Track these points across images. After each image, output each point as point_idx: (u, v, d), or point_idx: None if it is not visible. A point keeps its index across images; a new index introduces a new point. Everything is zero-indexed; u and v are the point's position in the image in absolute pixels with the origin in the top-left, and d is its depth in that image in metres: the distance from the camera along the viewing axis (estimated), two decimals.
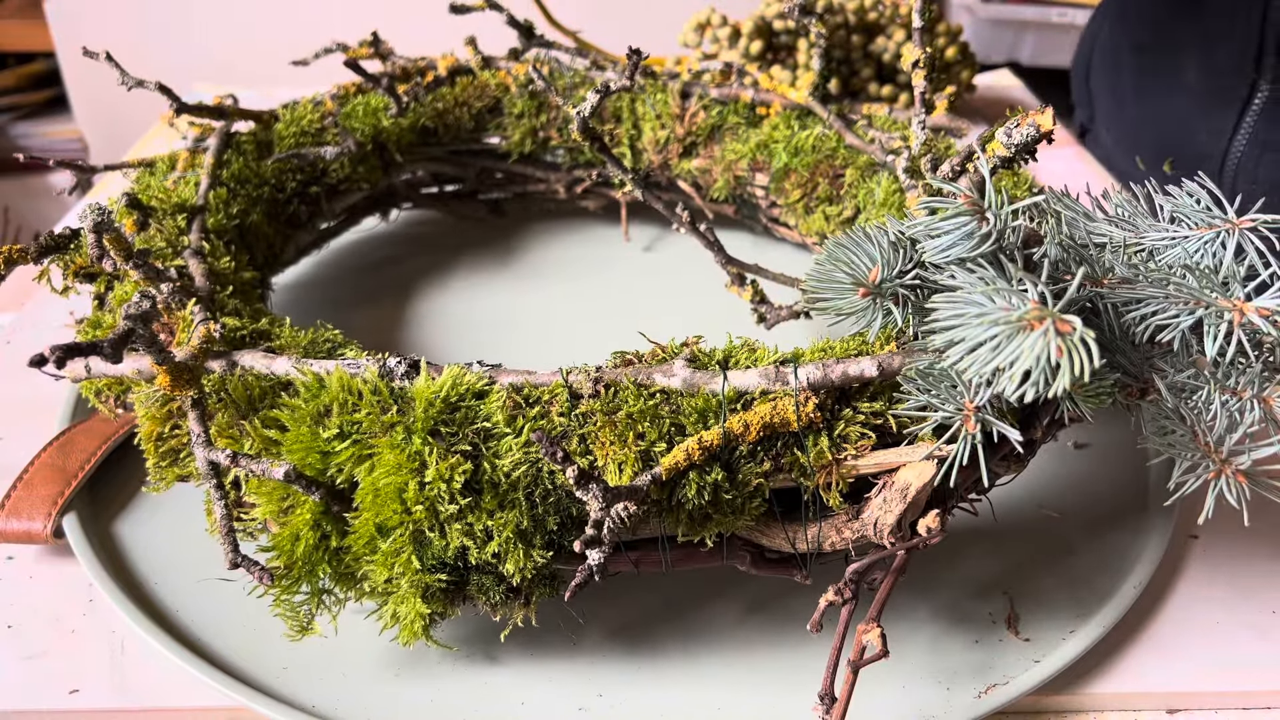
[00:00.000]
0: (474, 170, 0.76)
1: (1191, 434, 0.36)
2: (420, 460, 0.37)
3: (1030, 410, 0.41)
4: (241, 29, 1.36)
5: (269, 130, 0.64)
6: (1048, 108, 0.41)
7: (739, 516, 0.39)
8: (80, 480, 0.50)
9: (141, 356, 0.43)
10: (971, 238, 0.35)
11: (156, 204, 0.55)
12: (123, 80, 0.56)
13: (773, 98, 0.69)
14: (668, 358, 0.41)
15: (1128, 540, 0.50)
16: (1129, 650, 0.45)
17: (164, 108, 0.58)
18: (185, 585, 0.47)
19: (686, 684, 0.43)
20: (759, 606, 0.47)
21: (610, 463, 0.38)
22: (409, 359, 0.41)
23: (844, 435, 0.39)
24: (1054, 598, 0.47)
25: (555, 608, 0.45)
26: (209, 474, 0.40)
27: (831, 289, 0.38)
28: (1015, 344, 0.31)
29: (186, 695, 0.43)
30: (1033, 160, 0.41)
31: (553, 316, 0.68)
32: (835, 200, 0.63)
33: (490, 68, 0.73)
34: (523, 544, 0.38)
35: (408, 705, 0.42)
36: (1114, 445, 0.56)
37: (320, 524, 0.39)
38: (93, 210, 0.44)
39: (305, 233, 0.67)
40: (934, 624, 0.46)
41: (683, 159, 0.71)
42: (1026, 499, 0.53)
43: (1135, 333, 0.37)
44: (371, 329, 0.67)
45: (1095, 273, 0.37)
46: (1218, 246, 0.37)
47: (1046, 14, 1.26)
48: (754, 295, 0.56)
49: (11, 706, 0.42)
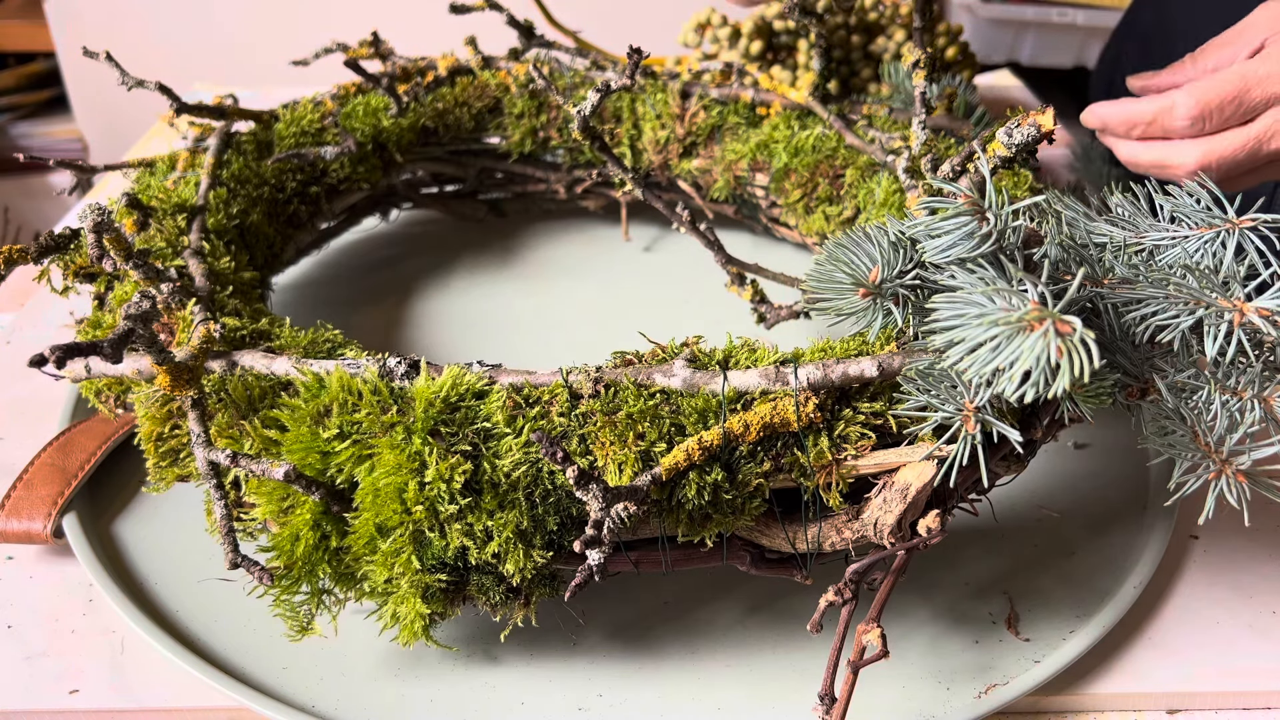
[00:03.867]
0: (474, 170, 0.76)
1: (1192, 434, 0.36)
2: (420, 460, 0.37)
3: (1030, 410, 0.41)
4: (241, 29, 1.36)
5: (269, 130, 0.64)
6: (1048, 108, 0.41)
7: (739, 517, 0.39)
8: (80, 480, 0.50)
9: (141, 356, 0.43)
10: (972, 238, 0.35)
11: (156, 204, 0.55)
12: (123, 80, 0.56)
13: (773, 98, 0.69)
14: (668, 358, 0.41)
15: (1128, 540, 0.50)
16: (1129, 650, 0.45)
17: (164, 108, 0.58)
18: (185, 585, 0.47)
19: (686, 684, 0.43)
20: (759, 607, 0.47)
21: (610, 463, 0.38)
22: (409, 359, 0.41)
23: (844, 435, 0.39)
24: (1054, 598, 0.47)
25: (555, 608, 0.45)
26: (209, 474, 0.40)
27: (832, 289, 0.38)
28: (1015, 344, 0.31)
29: (186, 695, 0.43)
30: (1033, 160, 0.41)
31: (553, 316, 0.68)
32: (835, 200, 0.63)
33: (490, 68, 0.73)
34: (523, 544, 0.38)
35: (408, 705, 0.42)
36: (1114, 445, 0.56)
37: (320, 524, 0.39)
38: (93, 210, 0.44)
39: (305, 233, 0.67)
40: (934, 624, 0.46)
41: (683, 159, 0.71)
42: (1026, 499, 0.53)
43: (1135, 333, 0.37)
44: (371, 329, 0.67)
45: (1095, 273, 0.37)
46: (1218, 246, 0.37)
47: (1047, 14, 1.26)
48: (754, 295, 0.56)
49: (11, 706, 0.42)
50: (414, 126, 0.70)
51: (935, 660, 0.44)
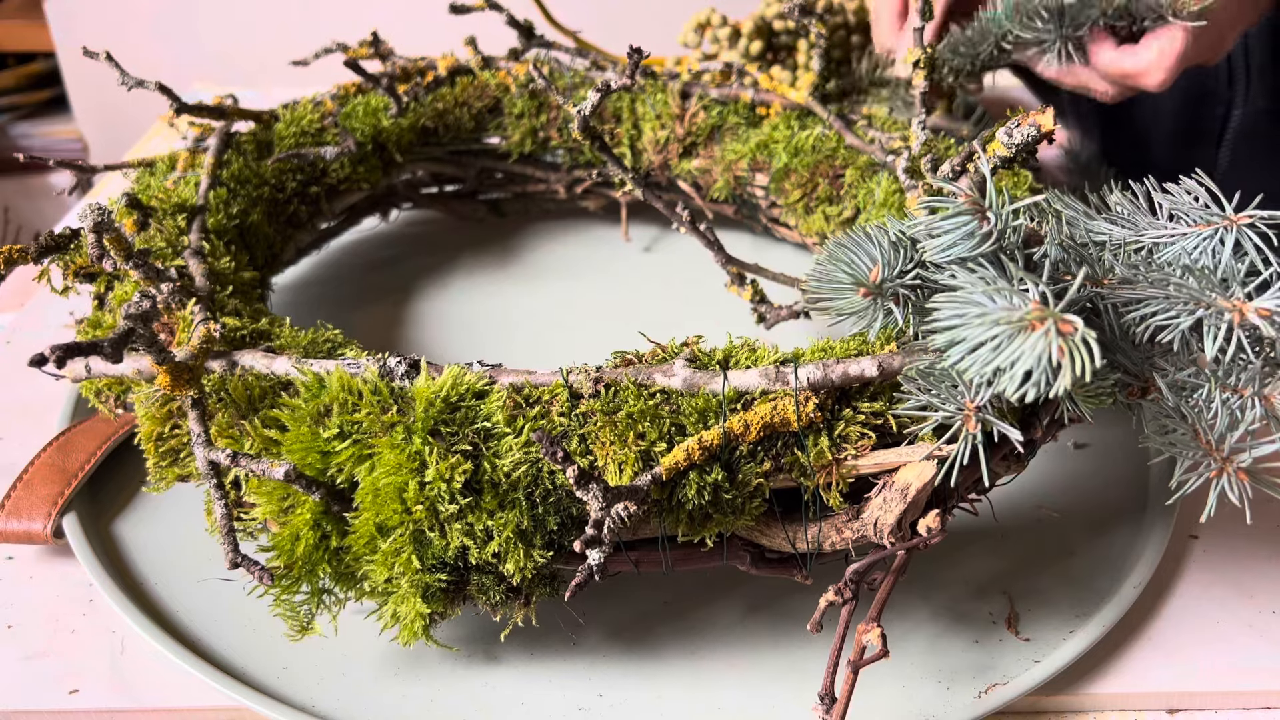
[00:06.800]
0: (474, 170, 0.76)
1: (1193, 432, 0.36)
2: (420, 460, 0.37)
3: (1030, 410, 0.41)
4: (241, 29, 1.36)
5: (269, 130, 0.64)
6: (1048, 107, 0.41)
7: (739, 516, 0.39)
8: (80, 480, 0.50)
9: (142, 356, 0.43)
10: (972, 237, 0.35)
11: (156, 204, 0.54)
12: (123, 80, 0.56)
13: (772, 98, 0.69)
14: (668, 358, 0.41)
15: (1128, 540, 0.50)
16: (1129, 650, 0.45)
17: (164, 108, 0.58)
18: (185, 585, 0.47)
19: (687, 684, 0.43)
20: (759, 607, 0.47)
21: (610, 462, 0.38)
22: (409, 359, 0.41)
23: (844, 435, 0.39)
24: (1054, 598, 0.47)
25: (555, 608, 0.45)
26: (209, 473, 0.40)
27: (832, 289, 0.38)
28: (1016, 344, 0.31)
29: (186, 695, 0.43)
30: (1032, 160, 0.41)
31: (552, 317, 0.68)
32: (835, 200, 0.63)
33: (490, 68, 0.73)
34: (523, 544, 0.38)
35: (408, 705, 0.42)
36: (1114, 445, 0.56)
37: (320, 524, 0.39)
38: (93, 210, 0.44)
39: (305, 233, 0.67)
40: (934, 624, 0.46)
41: (682, 159, 0.71)
42: (1026, 499, 0.53)
43: (1135, 333, 0.37)
44: (371, 329, 0.67)
45: (1095, 273, 0.37)
46: (1216, 243, 0.37)
47: None
48: (754, 295, 0.56)
49: (11, 706, 0.42)
50: (414, 126, 0.70)
51: (935, 660, 0.44)
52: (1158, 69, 0.55)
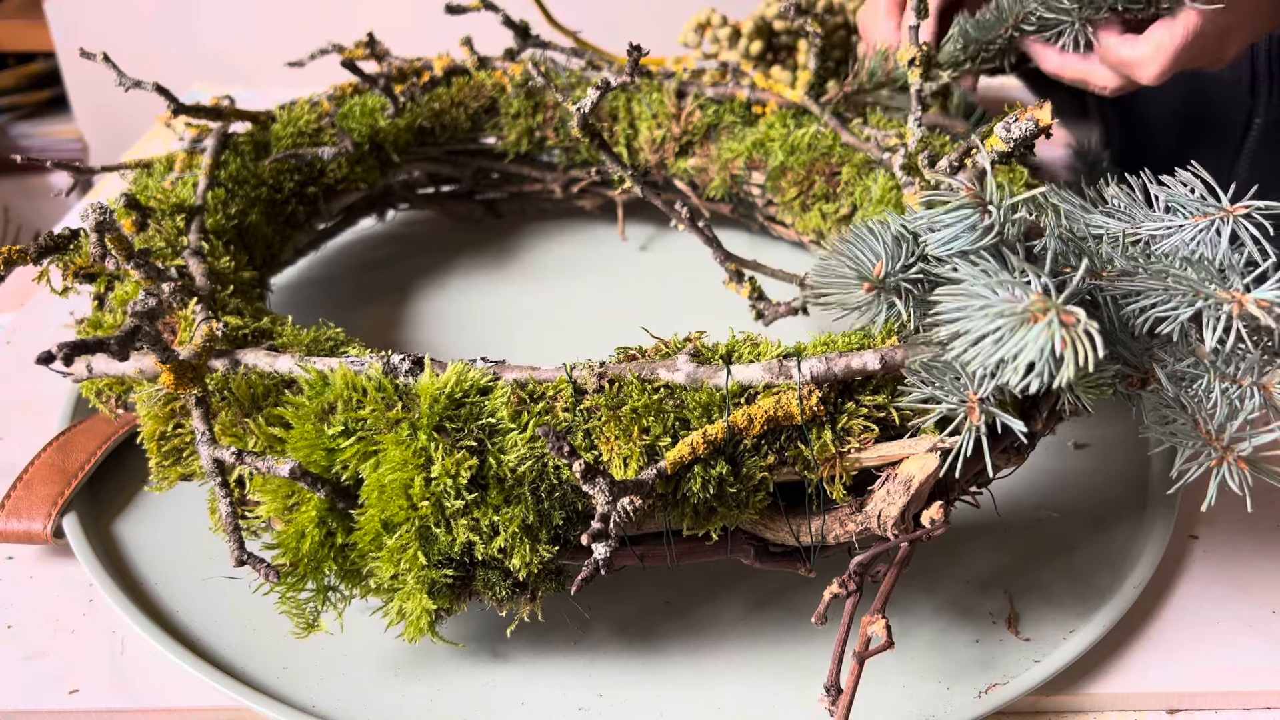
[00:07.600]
0: (470, 170, 0.76)
1: (1193, 422, 0.36)
2: (426, 456, 0.37)
3: (1030, 402, 0.41)
4: (239, 29, 1.36)
5: (266, 131, 0.64)
6: (1046, 103, 0.41)
7: (743, 510, 0.39)
8: (80, 480, 0.50)
9: (144, 356, 0.43)
10: (974, 230, 0.35)
11: (155, 204, 0.54)
12: (120, 81, 0.56)
13: (768, 96, 0.69)
14: (671, 353, 0.41)
15: (1128, 539, 0.50)
16: (1129, 650, 0.45)
17: (164, 108, 0.58)
18: (185, 585, 0.47)
19: (687, 682, 0.43)
20: (761, 603, 0.47)
21: (615, 457, 0.38)
22: (413, 356, 0.41)
23: (847, 428, 0.39)
24: (1054, 596, 0.47)
25: (560, 604, 0.45)
26: (214, 471, 0.40)
27: (836, 284, 0.38)
28: (1019, 336, 0.31)
29: (186, 695, 0.43)
30: (1030, 156, 0.42)
31: (550, 316, 0.68)
32: (831, 198, 0.64)
33: (486, 68, 0.73)
34: (529, 539, 0.38)
35: (408, 705, 0.42)
36: (1114, 444, 0.56)
37: (326, 520, 0.39)
38: (95, 209, 0.44)
39: (303, 233, 0.67)
40: (934, 621, 0.46)
41: (679, 158, 0.71)
42: (1027, 498, 0.53)
43: (1135, 324, 0.37)
44: (370, 329, 0.67)
45: (1095, 266, 0.37)
46: (1212, 234, 0.37)
47: None
48: (752, 292, 0.56)
49: (11, 706, 0.42)
50: (410, 127, 0.70)
51: (935, 659, 0.44)
52: (1152, 62, 0.56)
